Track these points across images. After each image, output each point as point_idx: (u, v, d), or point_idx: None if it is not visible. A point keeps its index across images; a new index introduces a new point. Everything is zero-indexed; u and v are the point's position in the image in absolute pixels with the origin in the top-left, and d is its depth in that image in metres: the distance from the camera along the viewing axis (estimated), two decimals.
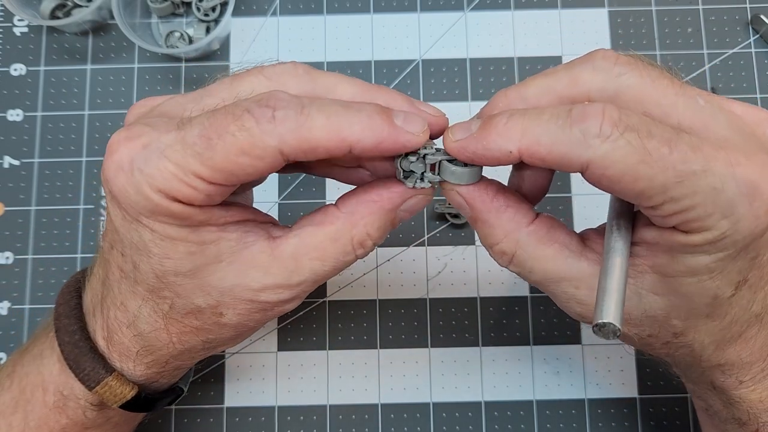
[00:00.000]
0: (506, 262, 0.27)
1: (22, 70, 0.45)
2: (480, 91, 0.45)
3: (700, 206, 0.21)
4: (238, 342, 0.30)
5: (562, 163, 0.22)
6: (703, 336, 0.26)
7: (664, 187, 0.21)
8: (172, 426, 0.41)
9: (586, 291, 0.26)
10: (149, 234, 0.24)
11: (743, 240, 0.22)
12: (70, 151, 0.44)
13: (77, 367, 0.28)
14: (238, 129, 0.22)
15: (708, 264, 0.23)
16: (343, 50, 0.45)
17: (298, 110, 0.23)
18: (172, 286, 0.26)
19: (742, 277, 0.24)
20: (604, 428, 0.41)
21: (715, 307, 0.25)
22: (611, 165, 0.21)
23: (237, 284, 0.26)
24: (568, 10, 0.46)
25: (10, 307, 0.42)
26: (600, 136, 0.21)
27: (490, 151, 0.23)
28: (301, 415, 0.41)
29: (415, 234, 0.43)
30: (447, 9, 0.46)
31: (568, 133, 0.22)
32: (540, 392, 0.41)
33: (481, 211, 0.26)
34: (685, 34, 0.45)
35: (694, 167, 0.21)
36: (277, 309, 0.27)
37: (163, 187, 0.23)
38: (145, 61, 0.45)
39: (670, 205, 0.22)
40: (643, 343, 0.27)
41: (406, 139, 0.24)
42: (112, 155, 0.24)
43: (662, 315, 0.25)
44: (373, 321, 0.42)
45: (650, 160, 0.21)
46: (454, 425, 0.41)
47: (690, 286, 0.24)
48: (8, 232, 0.43)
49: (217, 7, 0.45)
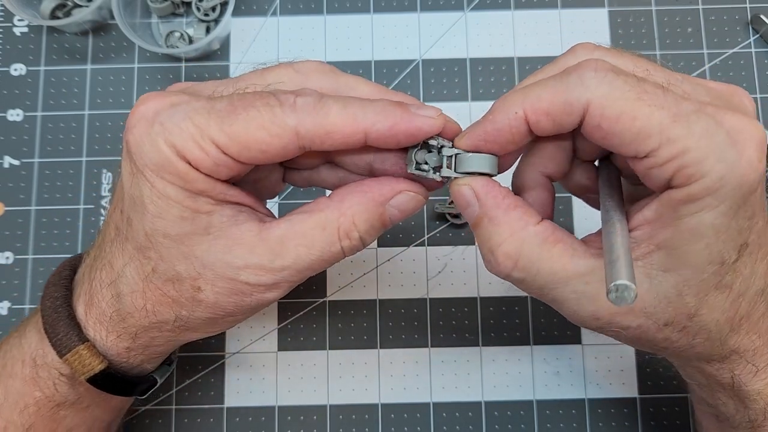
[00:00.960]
0: (510, 266, 0.26)
1: (22, 70, 0.45)
2: (480, 91, 0.45)
3: (696, 148, 0.22)
4: (209, 332, 0.29)
5: (564, 110, 0.23)
6: (716, 313, 0.26)
7: (660, 126, 0.22)
8: (172, 426, 0.41)
9: (596, 285, 0.25)
10: (149, 189, 0.25)
11: (739, 188, 0.23)
12: (70, 151, 0.44)
13: (52, 331, 0.28)
14: (262, 105, 0.24)
15: (711, 221, 0.23)
16: (343, 50, 0.45)
17: (317, 99, 0.25)
18: (159, 247, 0.26)
19: (744, 240, 0.24)
20: (604, 428, 0.41)
21: (722, 275, 0.25)
22: (610, 102, 0.22)
23: (220, 259, 0.26)
24: (568, 10, 0.46)
25: (10, 307, 0.42)
26: (596, 77, 0.23)
27: (497, 122, 0.25)
28: (301, 415, 0.41)
29: (415, 234, 0.43)
30: (447, 9, 0.46)
31: (566, 81, 0.23)
32: (540, 392, 0.41)
33: (491, 207, 0.26)
34: (685, 33, 0.45)
35: (687, 109, 0.22)
36: (255, 295, 0.27)
37: (178, 144, 0.24)
38: (145, 61, 0.45)
39: (667, 148, 0.22)
40: (661, 336, 0.27)
41: (421, 121, 0.25)
42: (139, 105, 0.25)
43: (674, 294, 0.25)
44: (373, 321, 0.42)
45: (647, 98, 0.22)
46: (454, 425, 0.41)
47: (697, 253, 0.24)
48: (8, 232, 0.43)
49: (217, 7, 0.45)
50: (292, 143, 0.25)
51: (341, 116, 0.25)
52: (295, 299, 0.42)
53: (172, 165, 0.25)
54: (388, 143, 0.26)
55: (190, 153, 0.24)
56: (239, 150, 0.25)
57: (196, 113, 0.25)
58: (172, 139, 0.24)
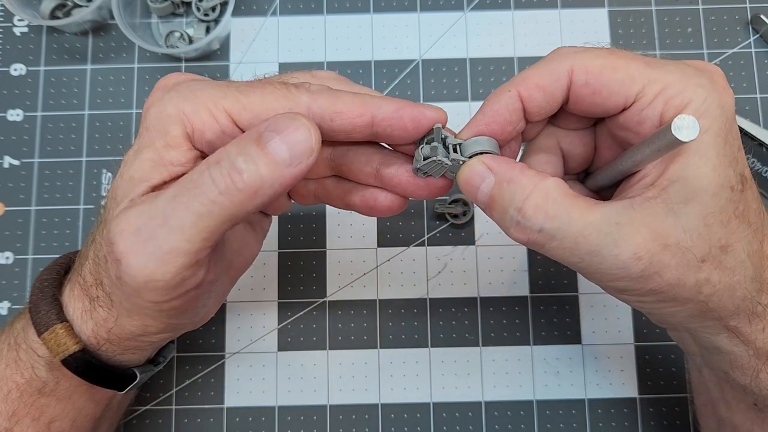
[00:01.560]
0: (542, 216, 0.25)
1: (22, 70, 0.45)
2: (480, 91, 0.45)
3: (676, 82, 0.25)
4: (142, 324, 0.28)
5: (552, 79, 0.26)
6: (744, 243, 0.26)
7: (639, 71, 0.25)
8: (172, 426, 0.41)
9: (627, 227, 0.25)
10: (137, 143, 0.26)
11: (722, 108, 0.25)
12: (70, 151, 0.44)
13: (35, 309, 0.29)
14: (278, 84, 0.26)
15: (710, 142, 0.25)
16: (343, 50, 0.45)
17: (329, 88, 0.27)
18: (116, 191, 0.26)
19: (741, 171, 0.26)
20: (604, 428, 0.41)
21: (737, 204, 0.26)
22: (590, 62, 0.26)
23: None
24: (568, 9, 0.46)
25: (10, 307, 0.42)
26: (573, 50, 0.26)
27: (494, 104, 0.27)
28: (301, 415, 0.41)
29: (415, 234, 0.43)
30: (447, 9, 0.46)
31: (547, 59, 0.27)
32: (540, 392, 0.41)
33: (506, 170, 0.26)
34: (685, 34, 0.45)
35: (659, 60, 0.26)
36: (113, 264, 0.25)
37: (187, 110, 0.25)
38: (145, 61, 0.45)
39: (651, 87, 0.25)
40: (704, 277, 0.25)
41: (425, 107, 0.27)
42: (164, 78, 0.27)
43: (702, 224, 0.25)
44: (373, 321, 0.42)
45: (619, 54, 0.26)
46: (454, 425, 0.41)
47: (708, 177, 0.25)
48: (8, 232, 0.43)
49: (217, 7, 0.45)
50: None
51: (351, 98, 0.26)
52: (295, 299, 0.42)
53: (167, 129, 0.25)
54: (394, 127, 0.27)
55: (197, 118, 0.25)
56: (250, 120, 0.25)
57: (213, 87, 0.26)
58: (183, 104, 0.25)
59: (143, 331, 0.28)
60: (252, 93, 0.26)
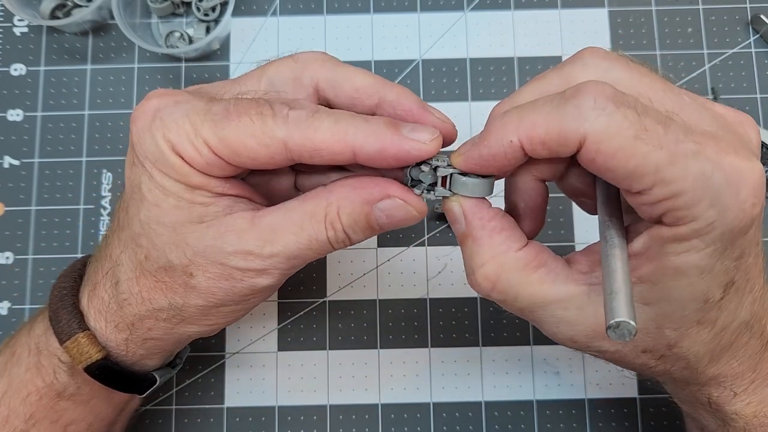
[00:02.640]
0: (489, 287, 0.26)
1: (22, 70, 0.45)
2: (480, 91, 0.45)
3: (689, 191, 0.22)
4: (206, 326, 0.29)
5: (560, 141, 0.22)
6: (697, 346, 0.26)
7: (656, 167, 0.21)
8: (172, 426, 0.41)
9: (575, 311, 0.25)
10: (147, 179, 0.26)
11: (729, 233, 0.22)
12: (70, 151, 0.44)
13: (55, 318, 0.29)
14: (255, 114, 0.25)
15: (697, 263, 0.23)
16: (343, 50, 0.45)
17: (310, 113, 0.25)
18: (151, 234, 0.27)
19: (730, 279, 0.24)
20: (604, 428, 0.41)
21: (706, 312, 0.25)
22: (607, 139, 0.21)
23: (211, 245, 0.26)
24: (568, 10, 0.46)
25: (10, 307, 0.42)
26: (595, 108, 0.21)
27: (493, 148, 0.24)
28: (301, 415, 0.41)
29: (415, 234, 0.43)
30: (447, 9, 0.46)
31: (563, 110, 0.22)
32: (540, 392, 0.41)
33: (476, 227, 0.26)
34: (685, 34, 0.45)
35: (687, 149, 0.21)
36: (246, 281, 0.27)
37: (173, 140, 0.25)
38: (145, 61, 0.45)
39: (660, 189, 0.22)
40: (639, 362, 0.27)
41: (411, 146, 0.25)
42: (145, 101, 0.26)
43: (654, 326, 0.25)
44: (373, 321, 0.42)
45: (645, 137, 0.21)
46: (454, 425, 0.41)
47: (680, 290, 0.24)
48: (8, 232, 0.43)
49: (217, 7, 0.45)
50: (280, 154, 0.25)
51: (331, 132, 0.25)
52: (295, 299, 0.42)
53: (167, 159, 0.25)
54: (377, 164, 0.25)
55: (184, 150, 0.25)
56: (229, 154, 0.25)
57: (193, 112, 0.25)
58: (168, 134, 0.25)
59: (199, 335, 0.30)
60: (228, 126, 0.25)
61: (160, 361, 0.32)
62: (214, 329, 0.30)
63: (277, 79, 0.28)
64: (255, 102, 0.26)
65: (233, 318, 0.30)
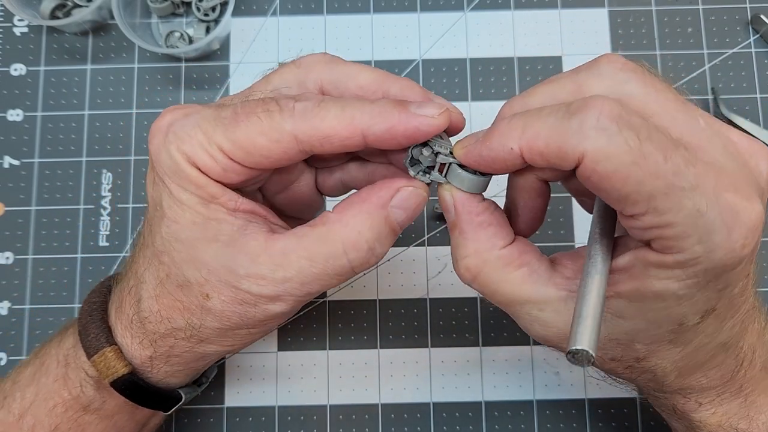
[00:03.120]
0: (469, 278, 0.27)
1: (22, 70, 0.45)
2: (480, 91, 0.45)
3: (680, 225, 0.21)
4: (225, 346, 0.29)
5: (559, 155, 0.22)
6: (666, 362, 0.26)
7: (650, 195, 0.21)
8: (172, 426, 0.41)
9: (551, 314, 0.26)
10: (167, 195, 0.26)
11: (714, 270, 0.22)
12: (70, 151, 0.44)
13: (84, 332, 0.29)
14: (262, 112, 0.25)
15: (676, 290, 0.23)
16: (343, 50, 0.45)
17: (316, 103, 0.25)
18: (171, 251, 0.27)
19: (710, 306, 0.24)
20: (604, 428, 0.41)
21: (680, 334, 0.25)
22: (604, 160, 0.21)
23: (224, 266, 0.26)
24: (568, 10, 0.46)
25: (10, 307, 0.42)
26: (597, 127, 0.21)
27: (493, 151, 0.24)
28: (301, 415, 0.41)
29: (415, 234, 0.43)
30: (447, 9, 0.46)
31: (566, 124, 0.22)
32: (540, 392, 0.41)
33: (464, 220, 0.26)
34: (685, 34, 0.45)
35: (684, 182, 0.21)
36: (260, 306, 0.27)
37: (188, 151, 0.25)
38: (145, 61, 0.45)
39: (651, 217, 0.22)
40: (606, 367, 0.28)
41: (419, 121, 0.25)
42: (159, 119, 0.27)
43: (626, 339, 0.25)
44: (373, 321, 0.42)
45: (644, 164, 0.21)
46: (454, 425, 0.41)
47: (656, 312, 0.24)
48: (8, 232, 0.43)
49: (217, 7, 0.45)
50: (292, 148, 0.25)
51: (338, 119, 0.25)
52: None
53: (184, 171, 0.26)
54: (387, 145, 0.25)
55: (199, 159, 0.25)
56: (243, 155, 0.25)
57: (204, 121, 0.26)
58: (183, 146, 0.25)
59: (221, 354, 0.30)
60: (238, 127, 0.25)
61: (185, 379, 0.32)
62: (234, 349, 0.30)
63: (282, 87, 0.28)
64: (261, 101, 0.26)
65: (251, 339, 0.29)
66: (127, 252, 0.43)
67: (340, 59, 0.28)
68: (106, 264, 0.43)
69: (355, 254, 0.26)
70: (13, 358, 0.42)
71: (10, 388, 0.31)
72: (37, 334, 0.42)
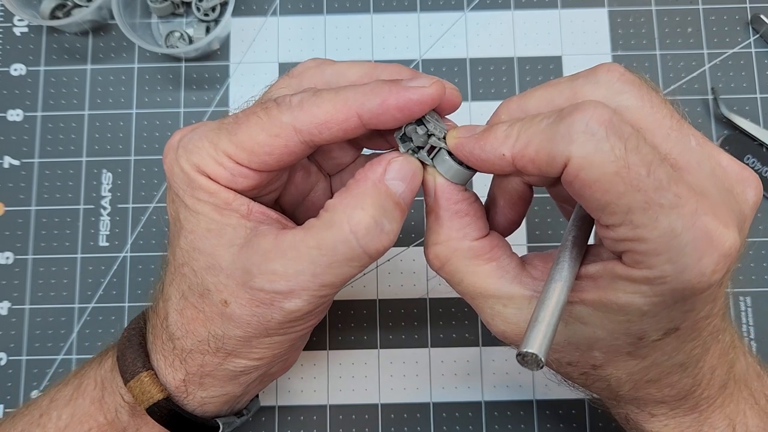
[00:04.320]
0: (437, 266, 0.27)
1: (22, 70, 0.45)
2: (480, 91, 0.45)
3: (653, 242, 0.21)
4: (253, 359, 0.28)
5: (547, 161, 0.22)
6: (621, 372, 0.26)
7: (628, 208, 0.21)
8: None
9: (513, 310, 0.26)
10: (183, 208, 0.27)
11: (682, 291, 0.22)
12: (70, 151, 0.44)
13: (122, 356, 0.29)
14: (261, 110, 0.26)
15: (640, 306, 0.23)
16: (343, 50, 0.45)
17: (312, 93, 0.26)
18: (191, 262, 0.27)
19: (673, 326, 0.24)
20: (604, 428, 0.41)
21: (639, 347, 0.25)
22: (588, 167, 0.21)
23: (240, 268, 0.26)
24: (568, 10, 0.46)
25: (10, 307, 0.42)
26: (585, 132, 0.21)
27: (485, 153, 0.24)
28: (301, 415, 0.41)
29: (415, 234, 0.43)
30: (447, 9, 0.46)
31: (554, 129, 0.22)
32: (540, 392, 0.41)
33: (441, 206, 0.26)
34: (685, 33, 0.45)
35: (664, 200, 0.21)
36: (276, 305, 0.26)
37: (197, 161, 0.26)
38: (145, 61, 0.45)
39: (626, 230, 0.21)
40: (562, 370, 0.28)
41: (412, 92, 0.25)
42: (169, 139, 0.28)
43: (585, 345, 0.25)
44: (373, 321, 0.42)
45: (626, 176, 0.21)
46: (454, 425, 0.41)
47: (618, 324, 0.24)
48: (8, 232, 0.43)
49: (217, 7, 0.45)
50: (292, 140, 0.25)
51: (333, 103, 0.25)
52: None
53: (195, 181, 0.26)
54: (384, 122, 0.25)
55: (208, 168, 0.26)
56: (248, 157, 0.25)
57: (209, 131, 0.26)
58: (191, 158, 0.26)
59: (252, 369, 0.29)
60: (239, 130, 0.26)
61: (223, 407, 0.31)
62: (264, 363, 0.29)
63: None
64: (260, 102, 0.27)
65: (280, 351, 0.29)
66: (127, 252, 0.43)
67: (329, 60, 0.29)
68: (106, 264, 0.43)
69: (363, 232, 0.25)
70: (13, 358, 0.42)
71: (47, 406, 0.31)
72: (37, 334, 0.42)
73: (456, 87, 0.27)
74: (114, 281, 0.43)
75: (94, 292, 0.42)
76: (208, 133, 0.26)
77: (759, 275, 0.42)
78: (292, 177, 0.30)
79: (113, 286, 0.43)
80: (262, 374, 0.30)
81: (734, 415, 0.28)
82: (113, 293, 0.42)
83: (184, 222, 0.27)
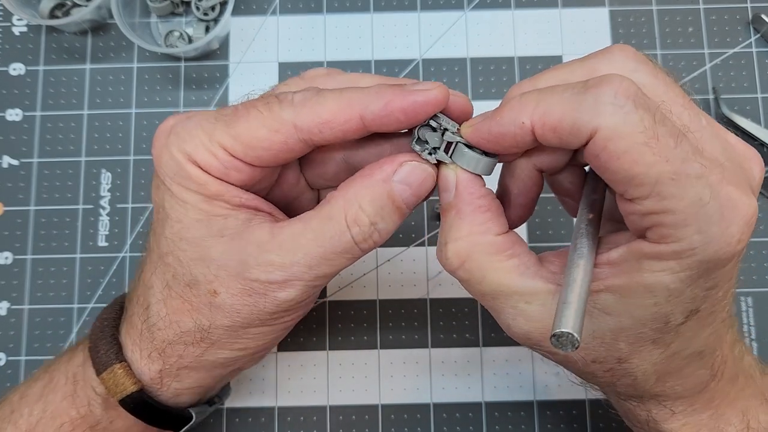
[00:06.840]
0: (457, 263, 0.26)
1: (21, 70, 0.45)
2: (480, 90, 0.44)
3: (681, 213, 0.21)
4: (236, 350, 0.29)
5: (572, 131, 0.22)
6: (646, 364, 0.26)
7: (657, 179, 0.21)
8: None
9: (537, 307, 0.25)
10: (169, 196, 0.26)
11: (708, 262, 0.22)
12: (70, 151, 0.44)
13: (95, 348, 0.29)
14: (262, 105, 0.25)
15: (668, 284, 0.23)
16: (343, 49, 0.45)
17: (315, 92, 0.25)
18: (177, 251, 0.27)
19: (695, 307, 0.24)
20: (605, 428, 0.40)
21: (664, 333, 0.25)
22: (617, 138, 0.21)
23: (232, 259, 0.26)
24: (569, 9, 0.45)
25: (9, 307, 0.42)
26: (613, 103, 0.21)
27: (504, 126, 0.24)
28: (301, 416, 0.41)
29: (415, 234, 0.43)
30: (447, 8, 0.46)
31: (581, 98, 0.22)
32: (540, 392, 0.41)
33: (463, 201, 0.26)
34: (685, 33, 0.45)
35: (691, 170, 0.21)
36: (270, 295, 0.26)
37: (189, 150, 0.25)
38: (144, 60, 0.45)
39: (653, 202, 0.21)
40: (587, 370, 0.27)
41: (415, 94, 0.24)
42: (162, 124, 0.27)
43: (610, 336, 0.25)
44: (373, 321, 0.42)
45: (655, 146, 0.21)
46: (454, 426, 0.41)
47: (644, 309, 0.24)
48: (8, 232, 0.43)
49: (216, 7, 0.45)
50: (291, 138, 0.25)
51: (336, 102, 0.25)
52: None
53: (185, 170, 0.26)
54: (386, 124, 0.25)
55: (200, 158, 0.25)
56: (244, 150, 0.25)
57: (205, 120, 0.26)
58: (183, 146, 0.26)
59: (232, 361, 0.29)
60: (238, 123, 0.25)
61: (196, 398, 0.31)
62: (246, 354, 0.29)
63: None
64: (262, 97, 0.26)
65: (263, 342, 0.29)
66: (126, 252, 0.43)
67: (341, 71, 0.29)
68: (105, 264, 0.43)
69: (357, 229, 0.25)
70: (12, 358, 0.42)
71: (18, 402, 0.30)
72: (36, 334, 0.42)
73: (465, 95, 0.27)
74: (113, 281, 0.42)
75: (93, 292, 0.42)
76: (203, 123, 0.26)
77: (760, 275, 0.42)
78: (281, 179, 0.30)
79: (112, 286, 0.42)
80: (239, 367, 0.31)
81: (747, 410, 0.28)
82: (112, 293, 0.42)
83: (170, 210, 0.26)
